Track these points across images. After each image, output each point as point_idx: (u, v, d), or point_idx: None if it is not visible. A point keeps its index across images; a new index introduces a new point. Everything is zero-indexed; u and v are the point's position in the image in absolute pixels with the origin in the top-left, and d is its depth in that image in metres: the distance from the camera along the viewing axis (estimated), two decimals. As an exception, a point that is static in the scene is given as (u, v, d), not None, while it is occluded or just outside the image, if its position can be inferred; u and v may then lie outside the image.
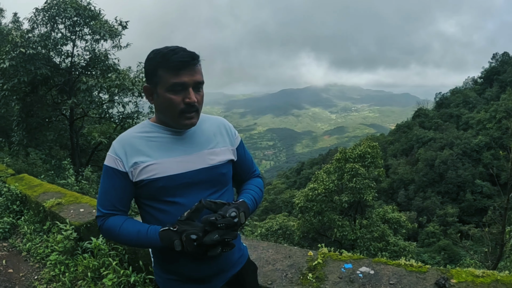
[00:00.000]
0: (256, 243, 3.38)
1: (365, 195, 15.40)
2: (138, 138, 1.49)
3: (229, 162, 1.59)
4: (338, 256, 2.83)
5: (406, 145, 62.72)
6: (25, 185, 6.82)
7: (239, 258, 1.69)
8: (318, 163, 65.30)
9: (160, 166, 1.44)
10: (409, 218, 30.76)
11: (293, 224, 18.80)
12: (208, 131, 1.57)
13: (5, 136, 15.09)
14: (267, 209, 49.76)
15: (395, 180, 53.55)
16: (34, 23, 12.50)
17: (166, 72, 1.38)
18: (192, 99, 1.39)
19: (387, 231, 15.41)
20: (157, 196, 1.46)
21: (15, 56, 11.29)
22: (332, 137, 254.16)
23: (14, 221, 5.84)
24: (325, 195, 16.34)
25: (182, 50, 1.40)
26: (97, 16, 12.75)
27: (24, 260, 4.79)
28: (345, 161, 16.77)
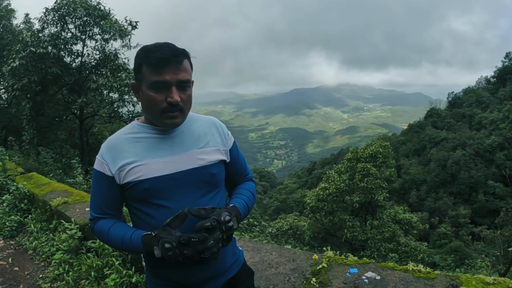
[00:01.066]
0: (259, 245, 3.33)
1: (376, 195, 15.26)
2: (124, 140, 1.44)
3: (220, 163, 1.52)
4: (343, 260, 2.74)
5: (418, 145, 62.10)
6: (33, 183, 6.86)
7: (233, 263, 1.62)
8: (330, 163, 65.01)
9: (146, 167, 1.38)
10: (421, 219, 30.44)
11: (304, 224, 18.70)
12: (198, 130, 1.51)
13: (16, 135, 15.26)
14: (278, 209, 49.68)
15: (407, 181, 53.04)
16: (44, 22, 12.62)
17: (148, 69, 1.32)
18: (174, 99, 1.32)
19: (398, 232, 15.24)
20: (145, 199, 1.41)
21: (26, 55, 11.41)
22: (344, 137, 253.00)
23: (21, 220, 5.87)
24: (336, 195, 16.22)
25: (167, 46, 1.33)
26: (107, 16, 12.86)
27: (30, 259, 4.80)
28: (356, 161, 16.64)
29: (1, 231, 5.65)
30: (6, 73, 12.61)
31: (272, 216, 40.46)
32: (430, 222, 37.76)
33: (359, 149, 17.49)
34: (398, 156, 58.54)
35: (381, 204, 16.11)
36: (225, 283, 1.59)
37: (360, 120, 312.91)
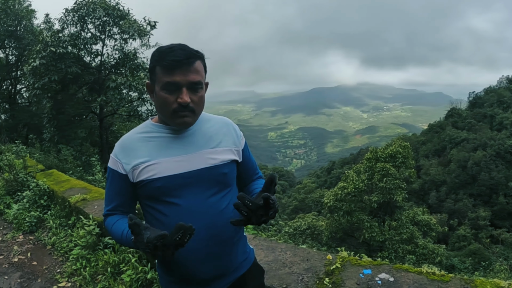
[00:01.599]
0: (274, 244, 3.32)
1: (395, 195, 15.11)
2: (138, 139, 1.47)
3: (232, 162, 1.54)
4: (357, 260, 2.72)
5: (438, 145, 61.07)
6: (53, 180, 6.99)
7: (243, 261, 1.63)
8: (349, 162, 64.51)
9: (159, 166, 1.41)
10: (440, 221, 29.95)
11: (322, 224, 18.64)
12: (211, 130, 1.53)
13: (37, 133, 15.59)
14: (296, 208, 49.44)
15: (427, 181, 52.22)
16: (64, 23, 12.87)
17: (161, 70, 1.35)
18: (184, 100, 1.35)
19: (416, 233, 15.06)
20: (157, 197, 1.42)
21: (46, 55, 11.65)
22: (363, 137, 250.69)
23: (41, 215, 5.98)
24: (354, 195, 16.13)
25: (180, 48, 1.35)
26: (126, 16, 13.04)
27: (48, 254, 4.89)
28: (375, 161, 16.53)
29: (21, 226, 5.78)
30: (27, 72, 12.92)
31: (291, 216, 40.33)
32: (449, 224, 37.13)
33: (379, 149, 17.36)
34: (418, 157, 57.72)
35: (399, 204, 15.95)
36: (235, 281, 1.59)
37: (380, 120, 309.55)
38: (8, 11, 16.58)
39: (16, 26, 17.40)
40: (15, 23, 17.23)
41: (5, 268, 4.51)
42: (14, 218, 6.06)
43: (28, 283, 4.09)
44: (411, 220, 16.23)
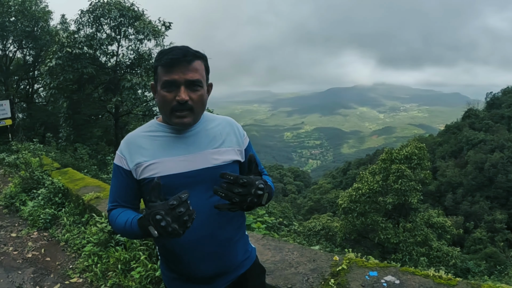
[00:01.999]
0: (282, 244, 3.33)
1: (410, 197, 14.94)
2: (142, 137, 1.50)
3: (234, 163, 1.55)
4: (364, 262, 2.70)
5: (455, 146, 60.14)
6: (68, 178, 7.12)
7: (244, 260, 1.64)
8: (365, 163, 63.82)
9: (161, 165, 1.43)
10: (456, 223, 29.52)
11: (336, 225, 18.55)
12: (214, 130, 1.54)
13: (54, 132, 15.86)
14: (312, 209, 49.27)
15: (443, 183, 51.48)
16: (79, 24, 13.08)
17: (161, 69, 1.39)
18: (181, 97, 1.37)
19: (430, 236, 14.86)
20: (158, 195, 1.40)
21: (62, 55, 11.87)
22: (380, 137, 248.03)
23: (55, 213, 6.09)
24: (369, 196, 16.00)
25: (179, 48, 1.39)
26: (140, 17, 13.15)
27: (62, 250, 4.99)
28: (390, 162, 16.35)
29: (36, 223, 5.90)
30: (43, 72, 13.16)
31: (306, 216, 40.20)
32: (465, 226, 36.56)
33: (394, 150, 17.17)
34: (435, 158, 56.94)
35: (414, 206, 15.77)
36: (236, 279, 1.61)
37: (397, 121, 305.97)
38: (26, 12, 16.88)
39: (33, 27, 17.69)
40: (32, 24, 17.52)
41: (19, 263, 4.62)
42: (29, 215, 6.20)
43: (41, 278, 4.18)
44: (426, 222, 16.03)
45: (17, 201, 7.21)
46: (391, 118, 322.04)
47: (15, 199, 7.32)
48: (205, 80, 1.46)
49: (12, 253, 4.99)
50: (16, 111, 18.62)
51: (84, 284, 3.95)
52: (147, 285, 3.55)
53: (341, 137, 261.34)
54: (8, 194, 7.56)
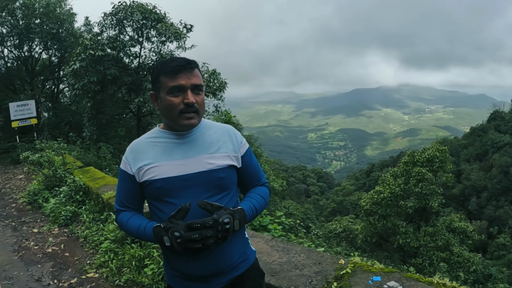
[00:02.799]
0: (290, 246, 3.39)
1: (430, 201, 14.71)
2: (145, 143, 1.64)
3: (230, 168, 1.64)
4: (369, 267, 2.73)
5: (480, 149, 58.70)
6: (89, 177, 7.34)
7: (242, 262, 1.72)
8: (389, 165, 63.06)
9: (159, 169, 1.55)
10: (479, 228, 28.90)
11: (357, 227, 18.44)
12: (212, 137, 1.65)
13: (78, 131, 16.24)
14: (334, 211, 48.95)
15: (467, 187, 50.39)
16: (103, 26, 13.39)
17: (166, 77, 1.52)
18: (190, 100, 1.50)
19: (452, 241, 14.59)
20: (158, 196, 1.57)
21: (85, 57, 12.18)
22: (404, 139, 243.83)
23: (76, 210, 6.30)
24: (390, 199, 15.84)
25: (180, 58, 1.55)
26: (162, 19, 13.36)
27: (80, 246, 5.17)
28: (412, 165, 16.13)
29: (57, 219, 6.12)
30: (67, 74, 13.52)
31: (328, 218, 40.00)
32: (489, 231, 35.72)
33: (416, 152, 16.91)
34: (459, 161, 55.78)
35: (435, 210, 15.52)
36: (232, 280, 1.69)
37: (421, 122, 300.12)
38: (50, 14, 17.30)
39: (57, 29, 18.10)
40: (56, 26, 17.94)
41: (39, 258, 4.82)
42: (51, 211, 6.43)
43: (59, 272, 4.36)
44: (447, 226, 15.77)
45: (40, 198, 7.47)
46: (415, 120, 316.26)
47: (38, 196, 7.59)
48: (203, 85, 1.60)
49: (33, 247, 5.20)
50: (41, 111, 19.12)
51: (100, 279, 4.11)
52: (159, 282, 3.68)
53: (365, 139, 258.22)
54: (32, 191, 7.84)
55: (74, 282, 4.07)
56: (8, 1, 16.30)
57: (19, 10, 16.99)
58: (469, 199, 48.46)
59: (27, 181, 9.91)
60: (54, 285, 4.04)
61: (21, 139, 15.32)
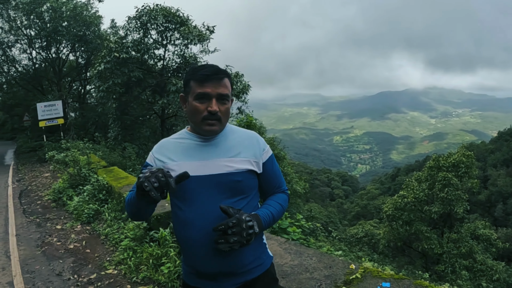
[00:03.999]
0: (302, 249, 3.42)
1: (455, 207, 14.42)
2: (171, 143, 1.71)
3: (248, 172, 1.66)
4: (379, 272, 2.72)
5: (507, 154, 56.95)
6: (112, 177, 7.52)
7: (256, 266, 1.72)
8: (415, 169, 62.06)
9: (179, 167, 1.60)
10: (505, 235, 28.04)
11: (379, 232, 18.21)
12: (234, 141, 1.69)
13: (103, 131, 16.60)
14: (358, 215, 48.39)
15: (494, 193, 48.92)
16: (127, 30, 13.71)
17: (195, 83, 1.59)
18: (213, 108, 1.56)
19: (475, 248, 14.25)
20: (177, 193, 1.62)
21: (110, 60, 12.48)
22: (430, 143, 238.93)
23: (98, 208, 6.50)
24: (414, 204, 15.60)
25: (211, 66, 1.61)
26: (185, 22, 13.53)
27: (101, 243, 5.33)
28: (437, 170, 15.84)
29: (80, 217, 6.33)
30: (93, 76, 13.88)
31: (352, 222, 39.57)
32: (515, 239, 34.60)
33: (441, 157, 16.60)
34: (486, 166, 54.36)
35: (459, 216, 15.19)
36: (244, 283, 1.70)
37: (448, 126, 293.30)
38: (77, 17, 17.77)
39: (84, 31, 18.58)
40: (83, 28, 18.43)
41: (61, 253, 5.01)
42: (74, 209, 6.65)
43: (80, 268, 4.52)
44: (471, 233, 15.42)
45: (65, 196, 7.73)
46: (442, 124, 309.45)
47: (63, 194, 7.85)
48: (231, 95, 1.66)
49: (56, 243, 5.40)
50: (68, 111, 19.63)
51: (118, 275, 4.24)
52: (175, 280, 3.78)
53: (391, 142, 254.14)
54: (57, 189, 8.11)
55: (93, 278, 4.21)
56: (36, 5, 16.81)
57: (47, 13, 17.52)
58: (495, 206, 47.10)
59: (53, 179, 10.25)
60: (74, 280, 4.19)
61: (48, 139, 15.76)
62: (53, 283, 4.14)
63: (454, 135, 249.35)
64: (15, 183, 10.79)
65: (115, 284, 4.04)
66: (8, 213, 7.42)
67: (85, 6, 18.64)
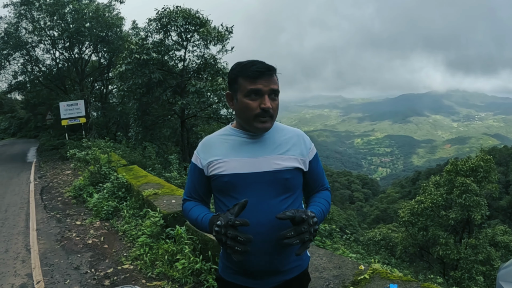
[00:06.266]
0: (314, 249, 3.46)
1: (473, 213, 14.14)
2: (217, 140, 1.69)
3: (296, 170, 1.66)
4: (387, 274, 2.74)
5: (531, 159, 55.59)
6: (132, 175, 7.70)
7: (297, 266, 1.73)
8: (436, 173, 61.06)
9: (228, 164, 1.60)
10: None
11: (397, 236, 18.00)
12: (281, 139, 1.68)
13: (125, 131, 16.90)
14: (378, 218, 47.88)
15: (516, 198, 47.85)
16: (148, 31, 13.97)
17: (245, 80, 1.55)
18: (267, 105, 1.53)
19: (493, 255, 13.95)
20: (224, 190, 1.62)
21: (131, 61, 12.72)
22: (452, 147, 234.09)
23: (117, 205, 6.67)
24: (432, 210, 15.35)
25: (260, 62, 1.58)
26: (205, 23, 13.66)
27: (119, 239, 5.48)
28: (455, 174, 15.53)
29: (99, 214, 6.50)
30: (114, 77, 14.15)
31: (371, 225, 39.11)
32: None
33: (460, 161, 16.27)
34: (508, 171, 53.04)
35: (477, 223, 14.90)
36: (283, 283, 1.71)
37: (471, 130, 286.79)
38: (100, 19, 18.15)
39: (106, 32, 18.99)
40: (105, 29, 18.82)
41: (79, 248, 5.17)
42: (94, 206, 6.83)
43: (97, 262, 4.67)
44: (490, 240, 15.09)
45: (85, 193, 7.94)
46: (465, 127, 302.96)
47: (83, 191, 8.07)
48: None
49: (75, 238, 5.57)
50: (90, 110, 20.04)
51: (134, 270, 4.36)
52: (188, 276, 3.88)
53: (413, 146, 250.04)
54: (77, 186, 8.34)
55: (110, 272, 4.34)
56: (59, 6, 17.22)
57: (70, 15, 17.94)
58: (517, 212, 45.97)
59: (74, 177, 10.49)
60: (91, 273, 4.33)
61: (70, 137, 16.14)
62: (70, 276, 4.29)
63: (477, 139, 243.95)
64: (37, 180, 11.06)
65: (130, 278, 4.16)
66: (29, 209, 7.66)
67: (106, 7, 19.01)
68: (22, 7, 17.80)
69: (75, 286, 4.03)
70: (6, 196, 9.04)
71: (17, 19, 18.29)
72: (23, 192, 9.44)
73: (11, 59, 19.58)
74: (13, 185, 10.48)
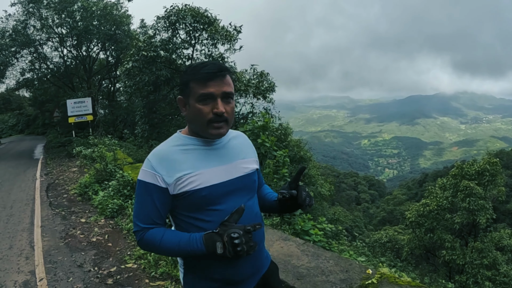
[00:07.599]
0: (320, 251, 3.39)
1: (478, 217, 13.99)
2: (175, 152, 1.51)
3: (256, 171, 1.70)
4: (395, 279, 2.67)
5: (539, 163, 55.10)
6: (138, 173, 7.66)
7: (266, 257, 1.74)
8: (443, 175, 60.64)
9: (202, 177, 1.47)
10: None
11: (403, 238, 17.89)
12: (239, 143, 1.67)
13: (131, 129, 16.92)
14: (384, 220, 47.65)
15: (524, 202, 47.40)
16: (156, 29, 13.94)
17: (196, 83, 1.44)
18: (220, 109, 1.43)
19: (499, 259, 13.80)
20: (201, 206, 1.48)
21: (138, 58, 12.73)
22: (460, 149, 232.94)
23: (122, 203, 6.64)
24: (437, 212, 15.23)
25: (212, 63, 1.46)
26: (213, 22, 13.64)
27: (123, 237, 5.45)
28: (461, 177, 15.38)
29: (104, 211, 6.48)
30: (120, 73, 14.16)
31: (377, 227, 38.93)
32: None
33: (465, 164, 16.11)
34: (516, 175, 52.56)
35: (482, 226, 14.75)
36: (261, 279, 1.69)
37: (479, 132, 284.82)
38: (108, 17, 18.19)
39: (114, 30, 19.02)
40: (113, 27, 18.86)
41: (83, 246, 5.15)
42: (99, 203, 6.81)
43: (101, 260, 4.65)
44: (496, 243, 14.93)
45: (90, 190, 7.93)
46: (472, 130, 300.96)
47: (89, 188, 8.06)
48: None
49: (79, 236, 5.56)
50: (97, 108, 20.09)
51: (137, 269, 4.33)
52: (191, 276, 3.82)
53: (420, 147, 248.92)
54: (83, 184, 8.33)
55: (113, 271, 4.32)
56: (67, 4, 17.27)
57: (78, 12, 17.98)
58: (526, 215, 45.55)
59: (80, 174, 10.51)
60: (94, 271, 4.31)
61: (77, 134, 16.18)
62: (74, 273, 4.27)
63: (484, 141, 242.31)
64: (43, 177, 11.10)
65: (134, 278, 4.14)
66: (34, 205, 7.68)
67: (114, 5, 19.05)
68: (30, 5, 17.85)
69: (78, 284, 4.01)
70: (12, 192, 9.08)
71: (25, 16, 18.34)
72: (29, 188, 9.47)
73: (19, 56, 19.62)
74: (19, 181, 10.53)
